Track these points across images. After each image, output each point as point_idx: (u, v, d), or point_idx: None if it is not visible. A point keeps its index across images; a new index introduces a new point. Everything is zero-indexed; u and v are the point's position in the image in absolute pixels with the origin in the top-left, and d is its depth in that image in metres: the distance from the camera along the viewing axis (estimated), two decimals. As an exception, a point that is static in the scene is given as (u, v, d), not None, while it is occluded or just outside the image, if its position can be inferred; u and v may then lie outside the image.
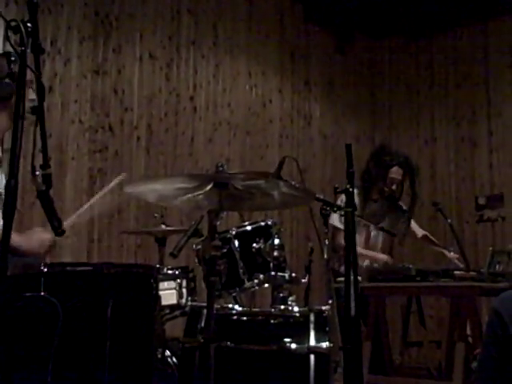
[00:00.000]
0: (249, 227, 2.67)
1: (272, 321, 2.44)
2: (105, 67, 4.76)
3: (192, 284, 2.69)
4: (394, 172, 4.63)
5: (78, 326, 1.90)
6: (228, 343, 2.36)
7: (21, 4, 4.17)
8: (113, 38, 4.83)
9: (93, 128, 4.65)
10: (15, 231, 2.72)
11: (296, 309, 2.44)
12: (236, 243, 2.60)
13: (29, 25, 1.63)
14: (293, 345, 2.33)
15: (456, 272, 4.10)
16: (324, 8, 6.46)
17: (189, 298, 2.63)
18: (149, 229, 3.65)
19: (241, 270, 2.57)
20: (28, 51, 1.63)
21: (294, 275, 2.61)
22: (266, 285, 2.61)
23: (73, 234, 4.25)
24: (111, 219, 4.62)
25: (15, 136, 1.58)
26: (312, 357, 2.30)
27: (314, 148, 6.42)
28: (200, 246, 2.68)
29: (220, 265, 2.22)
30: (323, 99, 6.58)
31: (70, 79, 4.55)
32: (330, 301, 2.58)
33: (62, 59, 4.50)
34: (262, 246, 2.61)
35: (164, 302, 2.48)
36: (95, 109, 4.68)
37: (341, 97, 6.79)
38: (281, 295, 2.55)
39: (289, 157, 3.09)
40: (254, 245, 2.61)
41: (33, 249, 2.64)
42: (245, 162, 5.65)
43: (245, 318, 2.49)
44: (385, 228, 4.36)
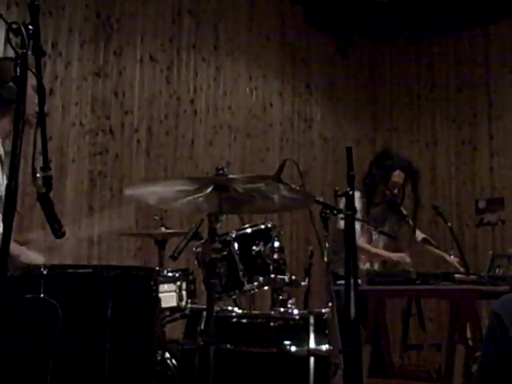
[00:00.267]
0: (249, 230, 2.67)
1: (272, 323, 2.44)
2: (105, 70, 4.77)
3: (192, 286, 2.69)
4: (396, 176, 4.63)
5: (78, 328, 1.90)
6: (227, 345, 2.36)
7: (22, 6, 4.18)
8: (114, 41, 4.83)
9: (93, 130, 4.66)
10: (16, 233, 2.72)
11: (296, 311, 2.44)
12: (236, 246, 2.60)
13: (30, 27, 1.63)
14: (292, 347, 2.33)
15: (456, 275, 4.10)
16: (325, 11, 6.46)
17: (189, 301, 2.63)
18: (149, 231, 3.66)
19: (241, 273, 2.57)
20: (29, 53, 1.63)
21: (294, 278, 2.61)
22: (266, 287, 2.61)
23: (73, 237, 4.26)
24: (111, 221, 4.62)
25: (15, 138, 1.58)
26: (312, 359, 2.30)
27: (315, 151, 6.42)
28: (200, 249, 2.68)
29: (220, 267, 2.23)
30: (324, 102, 6.58)
31: (71, 81, 4.55)
32: (330, 304, 2.58)
33: (63, 61, 4.51)
34: (262, 249, 2.61)
35: (164, 305, 2.48)
36: (96, 111, 4.69)
37: (341, 100, 6.79)
38: (280, 298, 2.55)
39: (289, 160, 3.09)
40: (254, 247, 2.61)
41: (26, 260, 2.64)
42: (245, 165, 5.65)
43: (244, 321, 2.49)
44: (386, 232, 4.36)
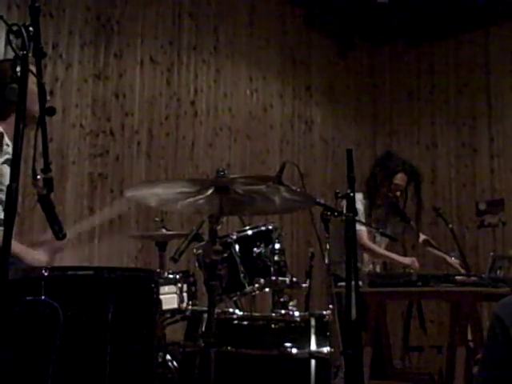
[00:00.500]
0: (249, 232, 2.67)
1: (273, 325, 2.43)
2: (106, 72, 4.77)
3: (193, 288, 2.69)
4: (399, 178, 4.63)
5: (79, 330, 1.89)
6: (228, 348, 2.35)
7: (22, 8, 4.18)
8: (114, 43, 4.84)
9: (94, 132, 4.66)
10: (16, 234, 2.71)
11: (297, 313, 2.44)
12: (237, 248, 2.60)
13: (30, 29, 1.63)
14: (293, 349, 2.32)
15: (457, 277, 4.10)
16: (325, 13, 6.46)
17: (189, 303, 2.62)
18: (149, 233, 3.66)
19: (241, 275, 2.57)
20: (29, 55, 1.63)
21: (295, 280, 2.60)
22: (267, 289, 2.61)
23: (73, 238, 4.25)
24: (112, 223, 4.62)
25: (16, 140, 1.58)
26: (313, 361, 2.29)
27: (315, 153, 6.41)
28: (201, 251, 2.68)
29: (221, 269, 2.23)
30: (324, 104, 6.58)
31: (72, 83, 4.55)
32: (331, 306, 2.58)
33: (64, 63, 4.51)
34: (263, 251, 2.61)
35: (165, 307, 2.47)
36: (96, 113, 4.69)
37: (342, 102, 6.79)
38: (281, 300, 2.55)
39: (289, 162, 3.10)
40: (255, 249, 2.61)
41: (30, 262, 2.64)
42: (245, 167, 5.65)
43: (245, 323, 2.49)
44: (388, 233, 4.36)
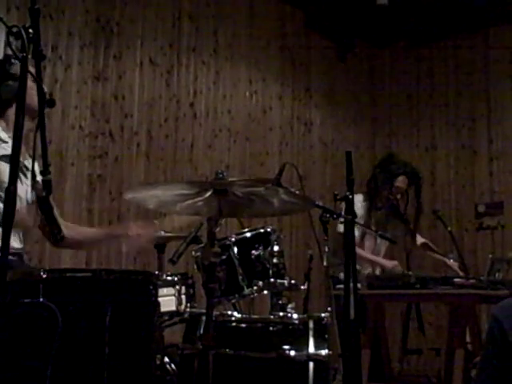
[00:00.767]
0: (248, 234, 2.66)
1: (271, 328, 2.43)
2: (105, 73, 4.77)
3: (191, 290, 2.68)
4: (400, 181, 4.63)
5: (77, 332, 1.89)
6: (227, 350, 2.35)
7: (22, 10, 4.18)
8: (113, 45, 4.84)
9: (93, 134, 4.66)
10: None
11: (295, 316, 2.43)
12: (235, 250, 2.59)
13: (30, 31, 1.63)
14: (292, 352, 2.32)
15: (456, 279, 4.10)
16: (325, 15, 6.47)
17: (188, 305, 2.62)
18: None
19: (240, 277, 2.57)
20: (29, 57, 1.63)
21: (294, 282, 2.60)
22: (265, 292, 2.60)
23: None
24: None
25: (15, 142, 1.58)
26: (311, 364, 2.29)
27: (314, 155, 6.42)
28: (199, 253, 2.67)
29: (219, 271, 2.22)
30: (323, 106, 6.59)
31: (71, 85, 4.55)
32: (330, 308, 2.58)
33: (63, 65, 4.51)
34: (262, 253, 2.61)
35: (163, 309, 2.47)
36: (95, 115, 4.69)
37: (341, 104, 6.79)
38: (280, 302, 2.55)
39: (289, 163, 3.10)
40: (254, 251, 2.61)
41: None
42: (245, 169, 5.65)
43: (244, 325, 2.49)
44: (386, 236, 4.36)
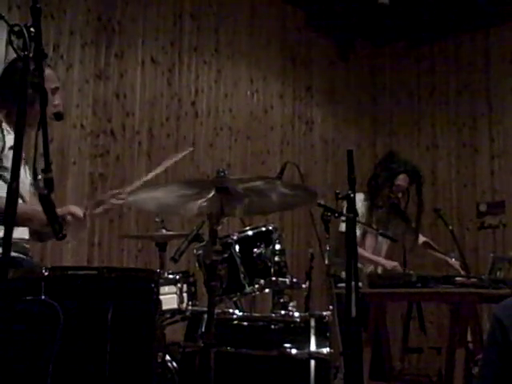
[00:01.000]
0: (250, 232, 2.67)
1: (272, 326, 2.44)
2: (107, 72, 4.77)
3: (193, 289, 2.69)
4: (401, 179, 4.63)
5: (79, 330, 1.89)
6: (228, 348, 2.36)
7: (23, 9, 4.18)
8: (115, 43, 4.84)
9: (94, 132, 4.66)
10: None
11: (297, 314, 2.44)
12: (237, 248, 2.60)
13: (32, 30, 1.63)
14: (293, 350, 2.33)
15: (457, 278, 4.10)
16: (326, 14, 6.46)
17: (189, 303, 2.62)
18: (149, 233, 3.66)
19: (241, 275, 2.57)
20: (30, 56, 1.63)
21: (295, 280, 2.60)
22: (267, 290, 2.61)
23: (72, 239, 4.26)
24: (111, 223, 4.63)
25: (17, 140, 1.58)
26: (312, 362, 2.30)
27: (316, 154, 6.42)
28: (201, 251, 2.68)
29: (221, 270, 2.23)
30: (324, 105, 6.58)
31: (72, 84, 4.56)
32: (331, 306, 2.58)
33: (65, 64, 4.51)
34: (263, 251, 2.61)
35: (165, 307, 2.47)
36: (97, 113, 4.69)
37: (342, 103, 6.79)
38: (281, 300, 2.55)
39: (290, 162, 3.10)
40: (255, 250, 2.61)
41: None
42: (246, 168, 5.65)
43: (245, 323, 2.49)
44: (388, 234, 4.36)
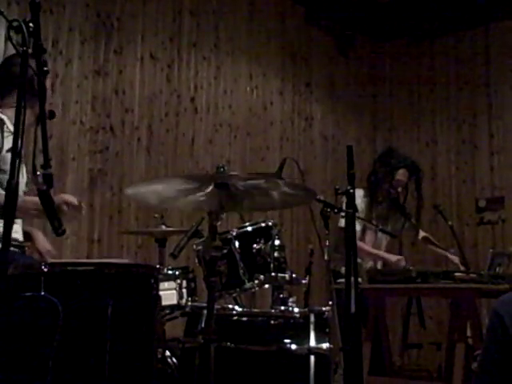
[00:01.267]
0: (249, 228, 2.67)
1: (272, 321, 2.44)
2: (106, 68, 4.77)
3: (192, 284, 2.69)
4: (401, 174, 4.62)
5: (78, 326, 1.90)
6: (228, 344, 2.36)
7: (22, 5, 4.18)
8: (114, 39, 4.83)
9: (94, 129, 4.66)
10: None
11: (296, 310, 2.44)
12: (236, 244, 2.60)
13: (31, 25, 1.63)
14: (293, 345, 2.33)
15: (456, 274, 4.10)
16: (325, 10, 6.46)
17: (189, 299, 2.63)
18: (149, 229, 3.65)
19: (241, 271, 2.57)
20: (29, 51, 1.63)
21: (295, 276, 2.61)
22: (267, 286, 2.61)
23: (72, 235, 4.26)
24: (111, 219, 4.63)
25: (16, 136, 1.58)
26: (312, 358, 2.30)
27: (315, 150, 6.41)
28: (200, 247, 2.68)
29: (220, 265, 2.23)
30: (324, 101, 6.58)
31: (71, 80, 4.55)
32: (330, 302, 2.58)
33: (64, 60, 4.51)
34: (263, 247, 2.61)
35: (164, 303, 2.48)
36: (96, 109, 4.68)
37: (342, 99, 6.78)
38: (281, 296, 2.55)
39: (289, 158, 3.09)
40: (255, 245, 2.61)
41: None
42: (245, 164, 5.65)
43: (245, 319, 2.50)
44: (387, 230, 4.36)
